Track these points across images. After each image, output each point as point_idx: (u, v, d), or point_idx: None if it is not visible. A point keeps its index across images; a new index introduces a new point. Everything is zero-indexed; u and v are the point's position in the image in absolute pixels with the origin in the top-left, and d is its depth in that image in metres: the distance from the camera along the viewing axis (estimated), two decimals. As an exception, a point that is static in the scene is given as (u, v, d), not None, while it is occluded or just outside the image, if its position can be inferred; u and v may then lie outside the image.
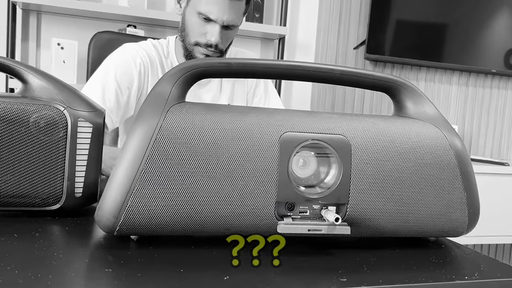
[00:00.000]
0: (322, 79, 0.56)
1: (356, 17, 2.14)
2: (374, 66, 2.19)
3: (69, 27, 1.78)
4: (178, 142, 0.47)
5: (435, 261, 0.50)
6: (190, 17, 1.08)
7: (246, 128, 0.49)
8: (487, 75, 2.37)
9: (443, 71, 2.31)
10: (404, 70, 2.24)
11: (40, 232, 0.51)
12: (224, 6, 1.04)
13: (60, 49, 1.59)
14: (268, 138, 0.49)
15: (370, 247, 0.53)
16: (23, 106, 0.54)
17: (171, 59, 1.15)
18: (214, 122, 0.48)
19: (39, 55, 1.76)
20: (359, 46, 2.13)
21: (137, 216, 0.46)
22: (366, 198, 0.51)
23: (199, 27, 1.07)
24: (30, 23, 1.74)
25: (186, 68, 0.51)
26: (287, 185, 0.49)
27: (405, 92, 0.57)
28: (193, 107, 0.49)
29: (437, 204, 0.53)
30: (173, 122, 0.47)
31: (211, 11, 1.04)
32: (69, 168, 0.56)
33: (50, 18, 1.77)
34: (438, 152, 0.53)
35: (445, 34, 2.22)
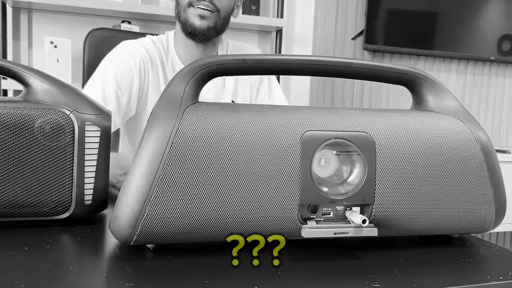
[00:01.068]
0: (340, 73, 0.53)
1: (353, 7, 2.11)
2: (372, 56, 2.17)
3: (62, 24, 1.73)
4: (196, 146, 0.44)
5: (464, 261, 0.48)
6: None
7: (266, 128, 0.46)
8: (485, 63, 2.36)
9: (442, 60, 2.30)
10: (403, 59, 2.23)
11: (51, 243, 0.48)
12: None
13: (53, 48, 1.55)
14: (289, 138, 0.46)
15: (393, 246, 0.51)
16: (26, 111, 0.51)
17: (171, 55, 1.12)
18: (232, 123, 0.46)
19: (32, 55, 1.72)
20: (357, 37, 2.10)
21: (155, 225, 0.44)
22: (391, 197, 0.49)
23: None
24: (21, 22, 1.69)
25: (199, 66, 0.49)
26: (310, 187, 0.47)
27: (426, 85, 0.55)
28: (209, 108, 0.47)
29: (463, 200, 0.51)
30: (190, 124, 0.45)
31: None
32: (78, 174, 0.53)
33: (41, 16, 1.72)
34: (463, 147, 0.51)
35: (443, 22, 2.20)
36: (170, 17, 1.74)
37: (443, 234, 0.52)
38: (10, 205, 0.51)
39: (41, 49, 1.70)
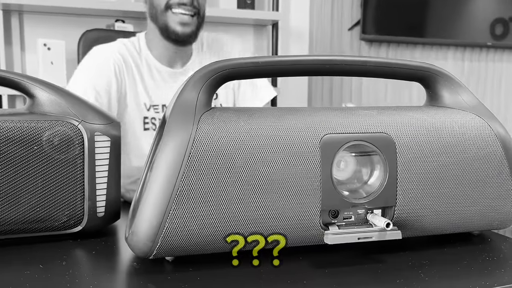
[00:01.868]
0: (355, 72, 0.52)
1: (348, -3, 2.10)
2: (369, 47, 2.15)
3: (54, 26, 1.69)
4: (214, 155, 0.43)
5: (489, 259, 0.47)
6: None
7: (284, 133, 0.45)
8: (481, 49, 2.36)
9: (439, 47, 2.29)
10: (400, 48, 2.22)
11: (67, 259, 0.47)
12: None
13: (46, 50, 1.52)
14: (308, 142, 0.45)
15: (413, 246, 0.50)
16: (33, 124, 0.50)
17: (145, 55, 1.10)
18: (250, 129, 0.44)
19: (25, 59, 1.68)
20: (353, 27, 2.09)
21: (175, 238, 0.42)
22: (413, 198, 0.48)
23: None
24: (12, 25, 1.65)
25: (211, 71, 0.47)
26: (331, 191, 0.45)
27: (441, 81, 0.54)
28: (224, 114, 0.45)
29: (485, 197, 0.50)
30: (207, 133, 0.43)
31: None
32: (89, 186, 0.52)
33: (33, 18, 1.68)
34: (483, 144, 0.50)
35: (438, 10, 2.19)
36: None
37: (465, 231, 0.52)
38: (21, 221, 0.50)
39: (34, 52, 1.66)
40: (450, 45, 2.28)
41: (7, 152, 0.49)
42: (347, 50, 2.12)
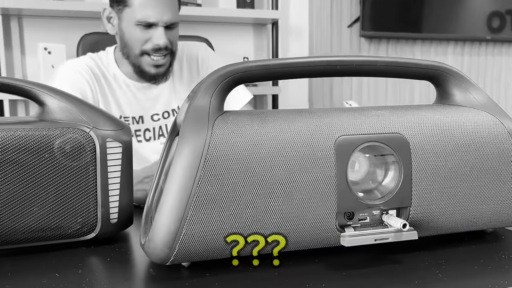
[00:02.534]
0: (366, 72, 0.52)
1: (347, -7, 2.09)
2: (369, 43, 2.15)
3: (54, 29, 1.69)
4: (230, 159, 0.43)
5: (505, 257, 0.47)
6: (128, 30, 1.03)
7: (298, 136, 0.45)
8: (481, 43, 2.36)
9: (438, 42, 2.29)
10: (400, 44, 2.22)
11: (82, 267, 0.47)
12: (160, 6, 1.01)
13: (47, 54, 1.51)
14: (323, 144, 0.45)
15: (428, 245, 0.50)
16: (45, 132, 0.49)
17: (113, 68, 1.10)
18: (264, 133, 0.44)
19: (25, 63, 1.68)
20: (353, 24, 2.08)
21: (192, 244, 0.42)
22: (428, 198, 0.48)
23: (141, 35, 1.03)
24: (12, 29, 1.65)
25: (223, 75, 0.47)
26: (347, 193, 0.45)
27: (451, 79, 0.54)
28: (237, 118, 0.45)
29: (499, 195, 0.50)
30: (221, 137, 0.43)
31: (149, 15, 1.01)
32: (102, 193, 0.52)
33: (33, 22, 1.67)
34: (497, 141, 0.50)
35: (437, 5, 2.19)
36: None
37: (479, 229, 0.52)
38: (34, 229, 0.50)
39: (35, 56, 1.66)
40: (449, 39, 2.29)
41: (19, 161, 0.48)
42: (346, 47, 2.12)
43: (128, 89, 1.10)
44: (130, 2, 1.01)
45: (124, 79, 1.10)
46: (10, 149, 0.48)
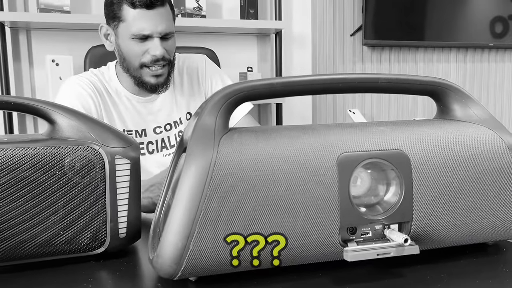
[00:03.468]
0: (368, 89, 0.53)
1: (350, 3, 2.11)
2: (372, 51, 2.16)
3: (61, 41, 1.72)
4: (235, 177, 0.44)
5: (506, 271, 0.48)
6: (125, 44, 1.06)
7: (301, 154, 0.46)
8: (483, 50, 2.37)
9: (441, 50, 2.30)
10: (402, 52, 2.23)
11: (92, 281, 0.48)
12: (153, 18, 1.03)
13: (55, 66, 1.54)
14: (325, 162, 0.46)
15: (430, 258, 0.51)
16: (55, 150, 0.51)
17: (114, 83, 1.13)
18: (268, 151, 0.46)
19: (33, 74, 1.70)
20: (355, 33, 2.10)
21: (199, 259, 0.44)
22: (429, 212, 0.49)
23: (138, 48, 1.05)
24: (20, 42, 1.68)
25: (228, 94, 0.48)
26: (349, 209, 0.47)
27: (451, 94, 0.55)
28: (242, 136, 0.47)
29: (499, 208, 0.51)
30: (227, 156, 0.44)
31: (144, 28, 1.03)
32: (111, 208, 0.53)
33: (40, 35, 1.70)
34: (496, 156, 0.51)
35: (438, 12, 2.20)
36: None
37: (480, 242, 0.52)
38: (46, 244, 0.51)
39: (43, 68, 1.69)
40: (452, 47, 2.30)
41: (31, 179, 0.50)
42: (349, 56, 2.13)
43: (130, 103, 1.12)
44: (124, 17, 1.03)
45: (125, 93, 1.12)
46: (23, 167, 0.50)
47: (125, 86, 1.13)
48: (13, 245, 0.50)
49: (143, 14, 1.02)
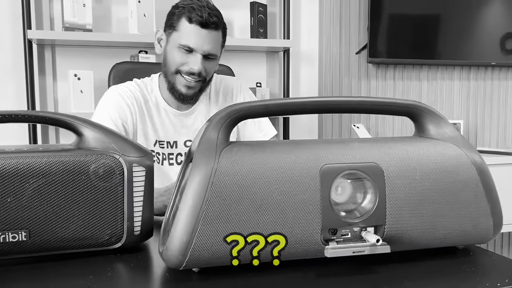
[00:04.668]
0: (355, 110, 0.61)
1: (355, 23, 2.20)
2: (377, 68, 2.24)
3: (83, 57, 1.83)
4: (232, 183, 0.52)
5: (467, 270, 0.55)
6: (171, 52, 1.16)
7: (290, 165, 0.54)
8: (487, 68, 2.42)
9: (444, 68, 2.36)
10: (406, 70, 2.30)
11: (111, 271, 0.56)
12: (203, 36, 1.12)
13: (77, 80, 1.65)
14: (310, 172, 0.54)
15: (406, 259, 0.58)
16: (83, 158, 0.60)
17: (155, 94, 1.22)
18: (262, 162, 0.54)
19: (57, 87, 1.82)
20: (361, 51, 2.18)
21: (201, 252, 0.52)
22: (400, 217, 0.56)
23: (180, 58, 1.14)
24: (45, 57, 1.80)
25: (229, 113, 0.57)
26: (330, 213, 0.54)
27: (426, 115, 0.63)
28: (241, 149, 0.55)
29: (464, 216, 0.58)
30: (226, 165, 0.53)
31: (191, 42, 1.12)
32: (128, 209, 0.62)
33: (64, 51, 1.82)
34: (461, 170, 0.59)
35: (443, 32, 2.27)
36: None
37: (449, 246, 0.60)
38: (72, 238, 0.60)
39: (65, 82, 1.80)
40: (455, 65, 2.36)
41: (60, 182, 0.59)
42: (355, 72, 2.21)
43: (167, 115, 1.21)
44: (179, 28, 1.13)
45: (164, 105, 1.21)
46: (55, 172, 0.59)
47: (165, 98, 1.22)
48: (45, 238, 0.59)
49: (196, 30, 1.12)
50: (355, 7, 2.19)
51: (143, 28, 1.75)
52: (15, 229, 0.57)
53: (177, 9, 1.15)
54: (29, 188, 0.57)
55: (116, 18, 1.87)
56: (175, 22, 1.14)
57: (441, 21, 2.26)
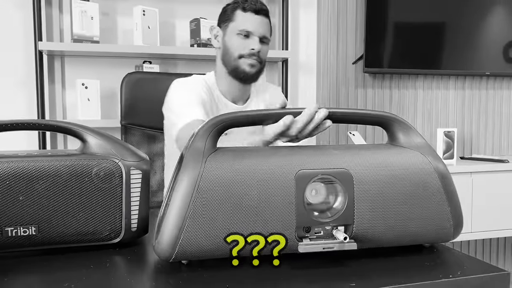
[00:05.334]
0: (337, 119, 0.68)
1: (352, 34, 2.27)
2: (373, 78, 2.30)
3: (90, 67, 1.92)
4: (217, 186, 0.59)
5: (428, 264, 0.62)
6: (230, 40, 1.33)
7: (268, 169, 0.61)
8: (482, 77, 2.48)
9: (440, 77, 2.42)
10: (402, 79, 2.36)
11: (110, 262, 0.64)
12: (258, 21, 1.33)
13: (84, 89, 1.74)
14: (286, 176, 0.61)
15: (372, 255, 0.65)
16: (86, 162, 0.68)
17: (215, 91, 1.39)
18: (244, 167, 0.60)
19: (65, 96, 1.91)
20: (357, 61, 2.25)
21: (188, 246, 0.59)
22: (368, 217, 0.63)
23: (241, 43, 1.32)
24: (55, 67, 1.89)
25: (215, 123, 0.64)
26: (303, 213, 0.61)
27: (397, 126, 0.70)
28: (225, 155, 0.62)
29: (426, 217, 0.64)
30: (211, 170, 0.59)
31: (248, 26, 1.32)
32: (126, 208, 0.69)
33: (73, 61, 1.91)
34: (424, 176, 0.65)
35: (437, 42, 2.33)
36: (185, 56, 1.92)
37: (413, 244, 0.66)
38: (75, 233, 0.67)
39: (74, 90, 1.89)
40: (450, 75, 2.41)
41: (66, 183, 0.66)
42: (352, 82, 2.28)
43: (226, 108, 1.37)
44: (235, 18, 1.33)
45: (222, 99, 1.38)
46: (61, 173, 0.66)
47: (222, 92, 1.39)
48: (52, 233, 0.66)
49: (251, 16, 1.32)
50: (352, 19, 2.26)
51: (147, 40, 1.84)
52: (26, 224, 0.65)
53: (229, 5, 1.35)
54: (39, 188, 0.65)
55: (122, 30, 1.95)
56: (231, 15, 1.33)
57: (437, 31, 2.32)
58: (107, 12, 1.93)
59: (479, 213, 2.06)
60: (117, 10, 1.94)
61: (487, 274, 0.59)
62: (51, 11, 1.87)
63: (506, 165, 2.12)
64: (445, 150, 2.17)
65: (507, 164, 2.12)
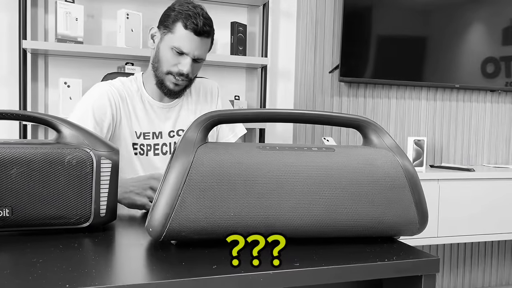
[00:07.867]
0: (314, 121, 0.73)
1: (329, 45, 2.35)
2: (348, 87, 2.39)
3: (73, 67, 1.96)
4: (204, 174, 0.63)
5: (369, 251, 0.67)
6: (164, 51, 1.26)
7: (252, 161, 0.66)
8: (452, 90, 2.58)
9: (412, 88, 2.52)
10: (376, 88, 2.45)
11: (79, 243, 0.69)
12: (196, 42, 1.24)
13: (66, 87, 1.78)
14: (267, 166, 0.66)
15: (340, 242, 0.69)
16: (60, 150, 0.73)
17: (141, 91, 1.33)
18: (230, 158, 0.65)
19: (48, 94, 1.95)
20: (333, 70, 2.33)
21: (177, 227, 0.62)
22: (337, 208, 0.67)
23: (172, 59, 1.25)
24: (38, 66, 1.93)
25: (206, 118, 0.68)
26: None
27: (369, 128, 0.74)
28: (214, 148, 0.66)
29: (393, 211, 0.69)
30: (200, 160, 0.64)
31: (184, 46, 1.23)
32: (95, 194, 0.74)
33: (56, 60, 1.95)
34: (392, 173, 0.69)
35: (412, 55, 2.42)
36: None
37: (382, 235, 0.71)
38: (47, 217, 0.72)
39: (56, 89, 1.93)
40: (422, 86, 2.51)
41: (40, 169, 0.71)
42: (328, 90, 2.36)
43: (152, 108, 1.33)
44: (174, 30, 1.23)
45: (148, 99, 1.33)
46: (37, 161, 0.71)
47: (149, 93, 1.34)
48: (25, 215, 0.71)
49: (189, 36, 1.22)
50: (329, 30, 2.35)
51: (130, 42, 1.89)
52: (0, 206, 0.70)
53: (173, 11, 1.24)
54: (13, 173, 0.70)
55: (106, 32, 2.01)
56: (171, 25, 1.25)
57: (411, 44, 2.42)
58: (92, 14, 1.98)
59: (445, 219, 2.15)
60: (102, 13, 1.99)
61: (419, 259, 0.65)
62: (37, 11, 1.91)
63: (472, 173, 2.21)
64: (415, 158, 2.26)
65: (473, 172, 2.22)
